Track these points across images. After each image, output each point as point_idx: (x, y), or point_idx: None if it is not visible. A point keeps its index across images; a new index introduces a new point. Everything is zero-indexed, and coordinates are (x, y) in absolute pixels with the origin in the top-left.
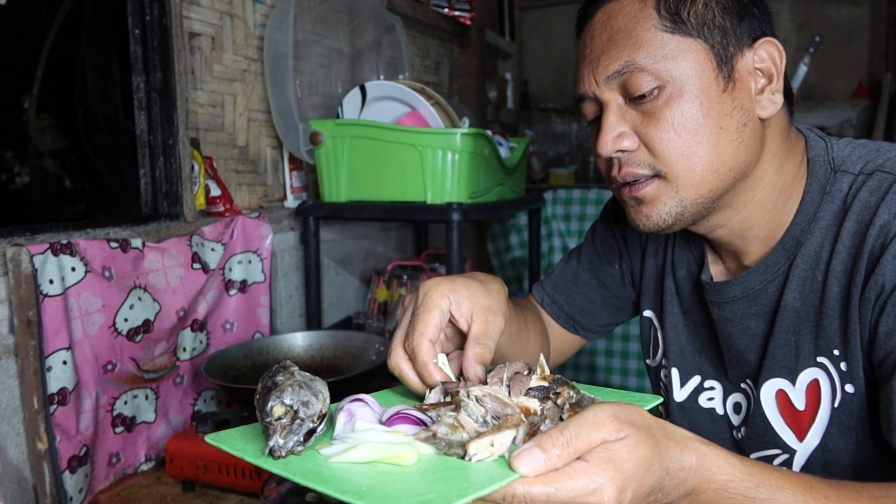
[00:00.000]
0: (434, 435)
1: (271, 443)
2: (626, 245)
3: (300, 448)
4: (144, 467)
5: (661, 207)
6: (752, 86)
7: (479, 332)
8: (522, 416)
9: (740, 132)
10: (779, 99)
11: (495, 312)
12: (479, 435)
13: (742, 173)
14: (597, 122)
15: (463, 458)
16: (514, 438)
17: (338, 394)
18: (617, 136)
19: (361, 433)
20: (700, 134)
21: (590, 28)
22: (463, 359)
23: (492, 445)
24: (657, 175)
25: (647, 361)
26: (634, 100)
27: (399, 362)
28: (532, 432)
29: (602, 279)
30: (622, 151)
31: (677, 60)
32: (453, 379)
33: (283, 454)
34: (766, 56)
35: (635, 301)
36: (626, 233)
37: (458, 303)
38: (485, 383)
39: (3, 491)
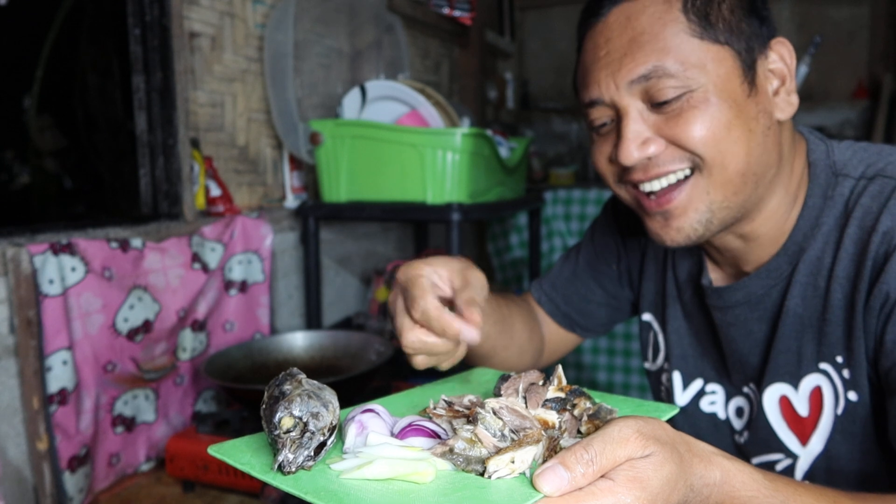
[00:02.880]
0: (451, 450)
1: (280, 458)
2: (625, 245)
3: (310, 463)
4: (144, 467)
5: (691, 216)
6: (768, 88)
7: (461, 283)
8: (542, 431)
9: (765, 136)
10: (795, 99)
11: (471, 268)
12: (498, 451)
13: (763, 179)
14: (605, 128)
15: (482, 474)
16: (535, 455)
17: (339, 394)
18: (642, 142)
19: (374, 448)
20: (733, 134)
21: (603, 29)
22: (457, 307)
23: (512, 462)
24: (693, 168)
25: (646, 365)
26: (657, 105)
27: (417, 335)
28: (552, 447)
29: (600, 279)
30: (648, 158)
31: (705, 68)
32: (467, 326)
33: (293, 469)
34: (776, 57)
35: (633, 301)
36: (625, 233)
37: (437, 272)
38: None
39: (3, 491)
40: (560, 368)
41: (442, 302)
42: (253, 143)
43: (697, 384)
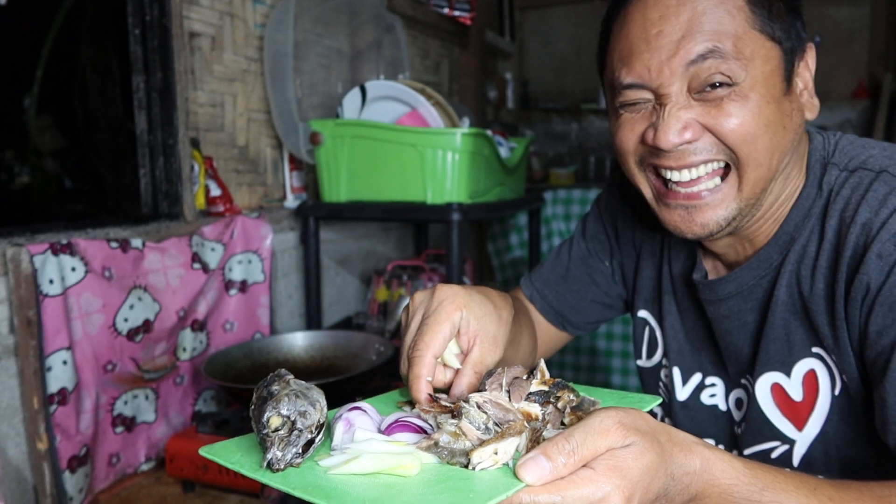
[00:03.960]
0: (436, 444)
1: (269, 455)
2: (618, 242)
3: (299, 460)
4: (144, 467)
5: (720, 213)
6: (798, 89)
7: (478, 359)
8: (525, 423)
9: (796, 133)
10: (817, 101)
11: (497, 344)
12: (482, 443)
13: (782, 175)
14: (639, 106)
15: (466, 466)
16: (518, 446)
17: (338, 394)
18: (682, 128)
19: (361, 443)
20: (770, 131)
21: (658, 2)
22: (455, 379)
23: (495, 454)
24: (728, 165)
25: (639, 362)
26: (700, 91)
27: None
28: (535, 438)
29: (593, 276)
30: (686, 143)
31: (755, 61)
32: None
33: (282, 467)
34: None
35: (627, 299)
36: (618, 229)
37: (468, 320)
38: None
39: (3, 491)
40: (542, 362)
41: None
42: (253, 143)
43: (696, 378)
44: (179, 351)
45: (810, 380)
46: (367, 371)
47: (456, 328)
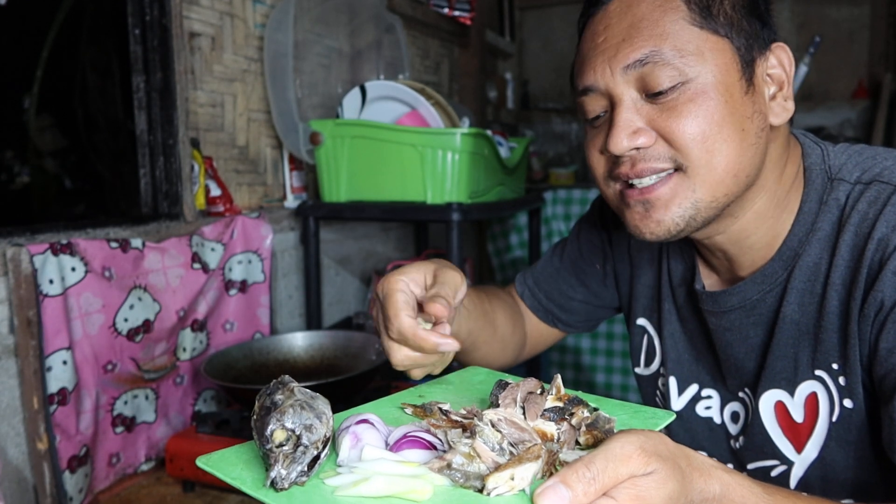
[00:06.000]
0: (449, 465)
1: (273, 474)
2: (612, 247)
3: (304, 479)
4: (144, 467)
5: (674, 210)
6: (766, 92)
7: (431, 282)
8: (542, 446)
9: (759, 137)
10: (791, 106)
11: (444, 268)
12: (497, 468)
13: (754, 181)
14: (598, 119)
15: (480, 491)
16: (535, 471)
17: (339, 394)
18: (633, 132)
19: (370, 463)
20: (725, 132)
21: (603, 17)
22: (423, 305)
23: (512, 479)
24: (677, 169)
25: (637, 370)
26: (652, 95)
27: (404, 353)
28: (551, 461)
29: (583, 278)
30: (637, 149)
31: (703, 58)
32: (441, 339)
33: (286, 486)
34: (776, 62)
35: (618, 304)
36: (612, 235)
37: (414, 279)
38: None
39: (3, 491)
40: (559, 378)
41: (420, 307)
42: (253, 143)
43: (693, 389)
44: (179, 351)
45: (811, 402)
46: (367, 371)
47: (409, 294)
